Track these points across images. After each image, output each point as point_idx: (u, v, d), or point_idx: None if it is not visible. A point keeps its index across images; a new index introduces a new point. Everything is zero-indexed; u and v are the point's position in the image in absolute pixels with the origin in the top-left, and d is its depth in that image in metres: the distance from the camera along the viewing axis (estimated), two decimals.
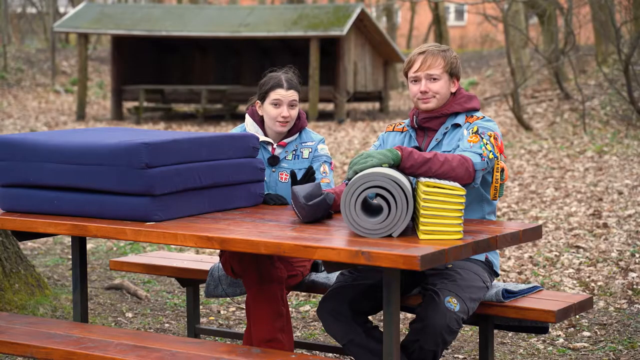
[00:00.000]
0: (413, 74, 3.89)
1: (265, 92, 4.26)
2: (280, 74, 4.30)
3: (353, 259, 3.10)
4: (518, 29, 18.61)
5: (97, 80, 27.31)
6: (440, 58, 3.88)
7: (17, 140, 3.80)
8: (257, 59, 23.37)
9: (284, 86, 4.24)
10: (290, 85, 4.26)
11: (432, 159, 3.53)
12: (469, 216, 3.81)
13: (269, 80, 4.28)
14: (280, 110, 4.24)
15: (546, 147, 13.97)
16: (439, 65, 3.87)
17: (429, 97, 3.88)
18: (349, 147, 14.95)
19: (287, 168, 4.27)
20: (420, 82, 3.88)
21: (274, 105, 4.25)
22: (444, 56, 3.89)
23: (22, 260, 5.58)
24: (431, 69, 3.87)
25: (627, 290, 6.02)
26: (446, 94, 3.90)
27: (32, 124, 19.12)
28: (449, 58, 3.89)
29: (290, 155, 4.29)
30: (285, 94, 4.24)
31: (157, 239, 3.46)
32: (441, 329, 3.54)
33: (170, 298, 6.09)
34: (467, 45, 35.88)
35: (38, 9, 33.63)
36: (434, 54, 3.89)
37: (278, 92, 4.24)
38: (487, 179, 3.85)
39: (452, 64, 3.89)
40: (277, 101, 4.24)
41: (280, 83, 4.25)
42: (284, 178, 4.26)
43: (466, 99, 3.93)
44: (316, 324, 5.52)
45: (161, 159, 3.58)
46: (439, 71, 3.87)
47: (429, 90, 3.87)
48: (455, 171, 3.57)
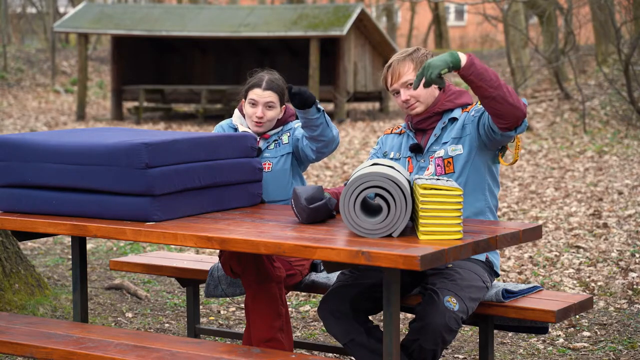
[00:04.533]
0: (390, 88, 3.93)
1: (246, 90, 4.30)
2: (264, 74, 4.31)
3: (353, 259, 3.10)
4: (518, 29, 18.61)
5: (97, 80, 27.31)
6: (407, 62, 3.90)
7: (16, 140, 3.80)
8: (257, 59, 23.35)
9: (262, 86, 4.24)
10: (269, 87, 4.25)
11: (492, 73, 3.54)
12: (472, 204, 3.82)
13: (251, 80, 4.31)
14: (255, 110, 4.25)
15: (546, 147, 13.97)
16: (409, 69, 3.89)
17: (413, 104, 3.91)
18: (349, 147, 14.95)
19: (269, 157, 4.28)
20: (400, 94, 3.90)
21: (250, 105, 4.27)
22: (412, 58, 3.91)
23: (22, 260, 5.58)
24: (402, 77, 3.89)
25: (627, 290, 6.02)
26: (429, 92, 3.91)
27: (32, 124, 19.12)
28: (417, 58, 3.91)
29: (272, 145, 4.31)
30: (261, 94, 4.24)
31: (157, 239, 3.46)
32: (440, 328, 3.54)
33: (170, 298, 6.09)
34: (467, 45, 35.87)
35: (38, 9, 33.61)
36: (400, 61, 3.91)
37: (255, 92, 4.25)
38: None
39: (422, 62, 3.90)
40: (253, 101, 4.26)
41: (259, 83, 4.26)
42: (267, 167, 4.28)
43: (457, 95, 3.94)
44: (316, 324, 5.52)
45: (161, 159, 3.58)
46: (412, 75, 3.89)
47: (410, 97, 3.89)
48: (512, 95, 3.57)
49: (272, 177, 4.26)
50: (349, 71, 21.47)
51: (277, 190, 4.25)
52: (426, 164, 3.90)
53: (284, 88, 4.30)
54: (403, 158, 3.96)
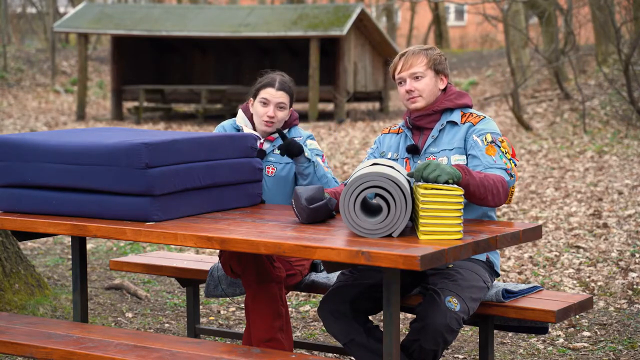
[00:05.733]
0: (397, 75, 3.93)
1: (257, 89, 4.30)
2: (276, 75, 4.32)
3: (353, 259, 3.10)
4: (518, 29, 18.60)
5: (97, 80, 27.30)
6: (422, 56, 3.90)
7: (16, 140, 3.79)
8: (257, 59, 23.36)
9: (275, 86, 4.26)
10: (282, 87, 4.27)
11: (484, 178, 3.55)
12: (471, 213, 3.81)
13: (263, 79, 4.32)
14: (266, 109, 4.26)
15: (546, 147, 13.97)
16: (421, 62, 3.89)
17: (415, 97, 3.90)
18: (349, 147, 14.95)
19: (274, 162, 4.29)
20: (405, 83, 3.90)
21: (262, 104, 4.27)
22: (426, 54, 3.91)
23: (22, 260, 5.58)
24: (413, 68, 3.89)
25: (627, 290, 6.02)
26: (433, 91, 3.91)
27: (32, 124, 19.12)
28: (431, 55, 3.91)
29: (278, 150, 4.30)
30: (274, 94, 4.25)
31: (157, 239, 3.46)
32: (441, 328, 3.54)
33: (170, 298, 6.09)
34: (467, 45, 35.87)
35: (38, 9, 33.60)
36: (415, 52, 3.92)
37: (268, 91, 4.26)
38: None
39: (435, 61, 3.90)
40: (265, 100, 4.26)
41: (272, 83, 4.27)
42: (270, 172, 4.28)
43: (457, 96, 3.95)
44: (316, 324, 5.52)
45: (161, 159, 3.58)
46: (422, 68, 3.88)
47: (414, 89, 3.89)
48: (495, 197, 3.61)
49: (275, 182, 4.26)
50: (349, 71, 21.47)
51: (278, 196, 4.25)
52: None
53: (294, 90, 4.33)
54: (401, 159, 3.96)
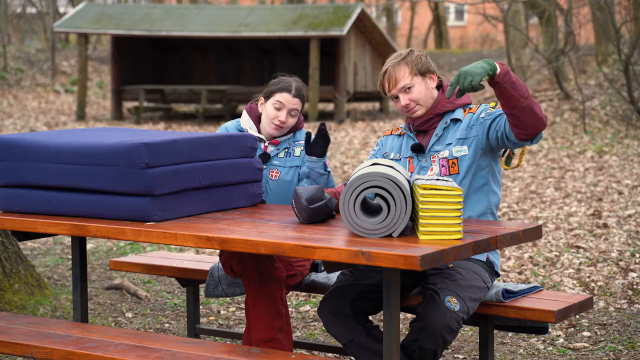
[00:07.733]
0: (389, 94, 3.93)
1: (272, 91, 4.28)
2: (292, 80, 4.32)
3: (353, 259, 3.10)
4: (518, 29, 18.61)
5: (97, 80, 27.30)
6: (402, 66, 3.89)
7: (16, 140, 3.79)
8: (257, 59, 23.36)
9: (292, 92, 4.26)
10: (298, 94, 4.28)
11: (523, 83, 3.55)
12: (475, 207, 3.82)
13: (280, 82, 4.30)
14: (279, 113, 4.25)
15: (546, 147, 13.97)
16: (405, 73, 3.88)
17: (413, 107, 3.91)
18: (349, 147, 14.95)
19: (279, 166, 4.28)
20: (399, 99, 3.90)
21: (275, 108, 4.26)
22: (407, 62, 3.90)
23: (22, 260, 5.58)
24: (400, 82, 3.89)
25: (627, 290, 6.02)
26: (428, 94, 3.91)
27: (32, 124, 19.12)
28: (411, 61, 3.90)
29: (282, 153, 4.31)
30: (290, 99, 4.26)
31: (157, 239, 3.46)
32: (441, 328, 3.54)
33: (170, 298, 6.09)
34: (467, 45, 35.87)
35: (38, 9, 33.59)
36: (395, 66, 3.90)
37: (284, 96, 4.26)
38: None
39: (417, 64, 3.90)
40: (279, 104, 4.26)
41: (289, 88, 4.27)
42: (274, 175, 4.28)
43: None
44: (316, 324, 5.52)
45: (161, 159, 3.58)
46: (408, 80, 3.88)
47: (410, 101, 3.89)
48: (538, 106, 3.59)
49: (278, 186, 4.26)
50: (348, 71, 21.47)
51: (282, 200, 4.24)
52: (427, 164, 3.90)
53: (306, 98, 4.35)
54: (404, 158, 3.96)
